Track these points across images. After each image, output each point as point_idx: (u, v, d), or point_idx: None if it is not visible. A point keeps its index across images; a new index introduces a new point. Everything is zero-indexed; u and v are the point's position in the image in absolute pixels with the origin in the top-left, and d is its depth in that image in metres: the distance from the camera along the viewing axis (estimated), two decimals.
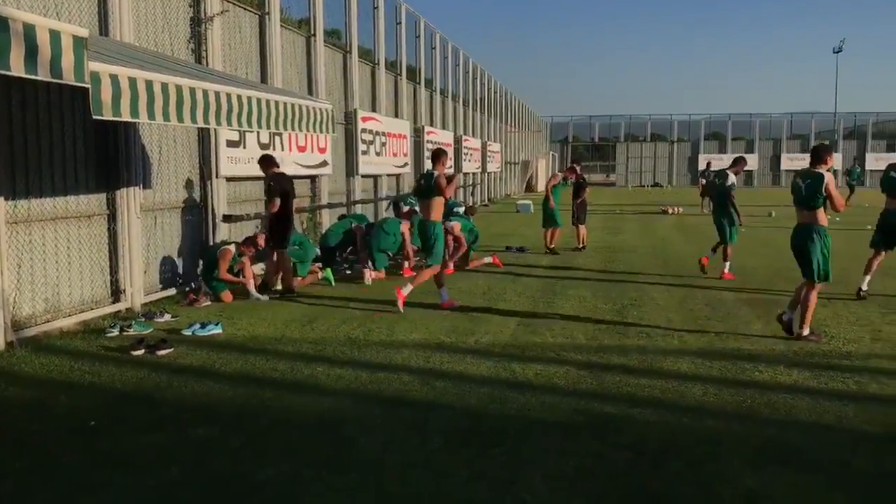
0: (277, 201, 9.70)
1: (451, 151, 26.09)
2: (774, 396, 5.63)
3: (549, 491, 4.01)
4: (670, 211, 27.91)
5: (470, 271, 12.13)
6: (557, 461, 4.40)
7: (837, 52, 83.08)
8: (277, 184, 9.82)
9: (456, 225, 12.48)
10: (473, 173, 32.08)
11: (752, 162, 67.14)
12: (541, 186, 50.04)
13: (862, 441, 4.74)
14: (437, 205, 9.02)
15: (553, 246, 14.97)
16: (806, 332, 7.44)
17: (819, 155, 7.82)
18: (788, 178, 59.05)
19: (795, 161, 60.19)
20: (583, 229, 15.73)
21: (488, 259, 12.77)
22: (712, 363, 6.56)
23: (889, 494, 3.96)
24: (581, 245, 15.55)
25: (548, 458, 4.44)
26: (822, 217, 7.60)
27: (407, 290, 8.94)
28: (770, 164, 67.56)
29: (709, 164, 32.30)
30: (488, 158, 34.67)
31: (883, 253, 10.07)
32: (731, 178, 11.82)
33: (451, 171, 9.49)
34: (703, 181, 29.51)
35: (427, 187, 9.07)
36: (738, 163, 12.36)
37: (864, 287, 9.81)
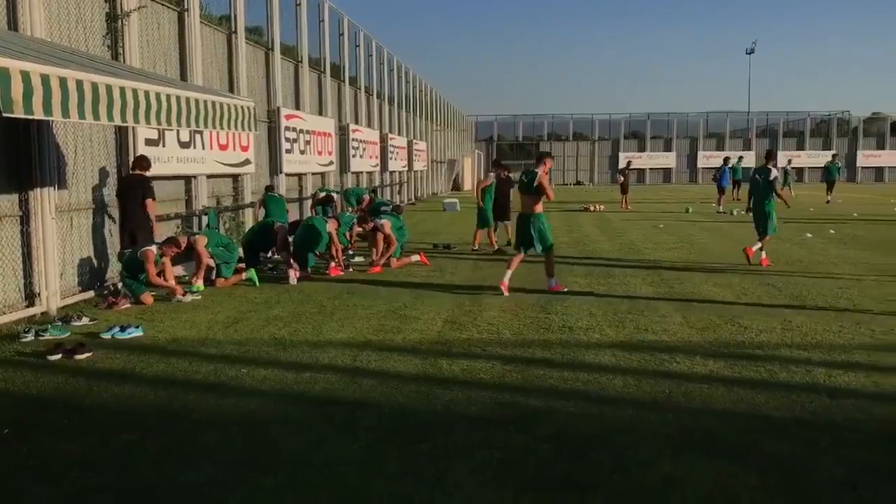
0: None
1: (376, 150, 26.07)
2: (691, 386, 5.84)
3: (475, 483, 4.08)
4: (592, 208, 28.46)
5: (397, 270, 12.15)
6: (483, 454, 4.47)
7: (750, 53, 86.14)
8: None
9: (386, 223, 12.51)
10: (400, 172, 32.08)
11: (671, 160, 69.13)
12: (467, 185, 50.48)
13: (772, 427, 4.96)
14: (536, 200, 10.02)
15: (478, 244, 15.09)
16: None
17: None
18: (705, 175, 60.99)
19: (711, 159, 62.14)
20: (509, 226, 15.94)
21: (415, 258, 12.81)
22: (632, 355, 6.76)
23: (797, 477, 4.16)
24: (508, 242, 15.72)
25: (474, 452, 4.51)
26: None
27: (556, 280, 10.13)
28: (687, 162, 69.58)
29: (629, 163, 33.25)
30: (414, 157, 34.72)
31: None
32: (774, 173, 12.69)
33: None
34: (622, 178, 30.34)
35: (529, 184, 10.05)
36: (771, 156, 13.32)
37: None
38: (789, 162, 37.59)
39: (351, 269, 12.16)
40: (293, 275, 10.94)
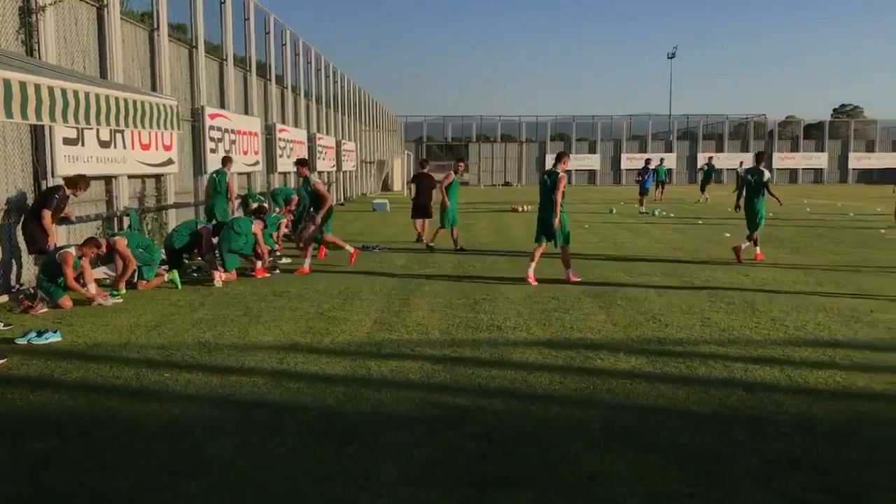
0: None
1: (304, 150, 25.79)
2: (615, 382, 5.98)
3: (403, 484, 4.09)
4: (520, 209, 28.77)
5: (326, 271, 12.05)
6: (412, 454, 4.49)
7: (671, 58, 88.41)
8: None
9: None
10: (328, 172, 31.82)
11: (595, 161, 70.42)
12: (397, 185, 50.38)
13: (691, 420, 5.12)
14: (557, 198, 10.77)
15: (459, 243, 15.24)
16: None
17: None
18: (629, 176, 62.26)
19: (634, 160, 63.50)
20: (429, 223, 16.93)
21: (350, 248, 12.70)
22: (558, 353, 6.88)
23: (715, 469, 4.31)
24: (424, 237, 16.43)
25: (402, 452, 4.52)
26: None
27: (571, 271, 11.01)
28: (611, 164, 70.99)
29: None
30: (343, 157, 34.48)
31: None
32: (767, 174, 13.59)
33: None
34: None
35: (552, 183, 10.83)
36: (761, 157, 14.32)
37: None
38: (710, 160, 38.97)
39: (278, 271, 12.02)
40: (218, 277, 10.75)
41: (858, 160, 71.29)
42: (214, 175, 14.52)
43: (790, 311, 8.69)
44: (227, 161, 14.81)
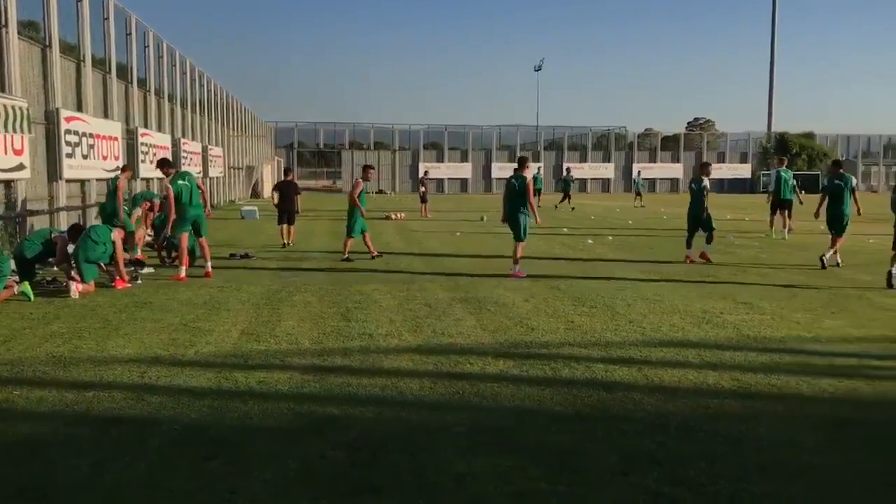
0: None
1: (168, 155, 24.89)
2: (483, 385, 6.10)
3: (270, 496, 4.03)
4: (394, 217, 28.86)
5: (191, 281, 11.67)
6: (279, 465, 4.42)
7: (538, 70, 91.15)
8: None
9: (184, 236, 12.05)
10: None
11: (467, 170, 71.58)
12: (267, 192, 49.39)
13: (555, 420, 5.30)
14: (523, 200, 12.45)
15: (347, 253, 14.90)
16: None
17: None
18: (499, 185, 63.62)
19: (504, 170, 64.98)
20: (293, 229, 17.70)
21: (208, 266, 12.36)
22: (429, 359, 6.95)
23: (576, 466, 4.47)
24: (289, 242, 17.29)
25: (269, 464, 4.44)
26: None
27: (518, 266, 12.39)
28: (482, 173, 72.36)
29: (426, 172, 34.28)
30: (210, 163, 33.51)
31: None
32: (706, 182, 14.96)
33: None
34: (423, 189, 31.18)
35: (521, 188, 12.37)
36: (705, 167, 15.79)
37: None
38: (568, 171, 40.74)
39: (140, 281, 11.54)
40: (75, 287, 10.20)
41: (712, 170, 75.55)
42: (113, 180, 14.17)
43: (647, 314, 9.13)
44: (125, 168, 14.42)
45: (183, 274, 11.81)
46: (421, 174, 35.19)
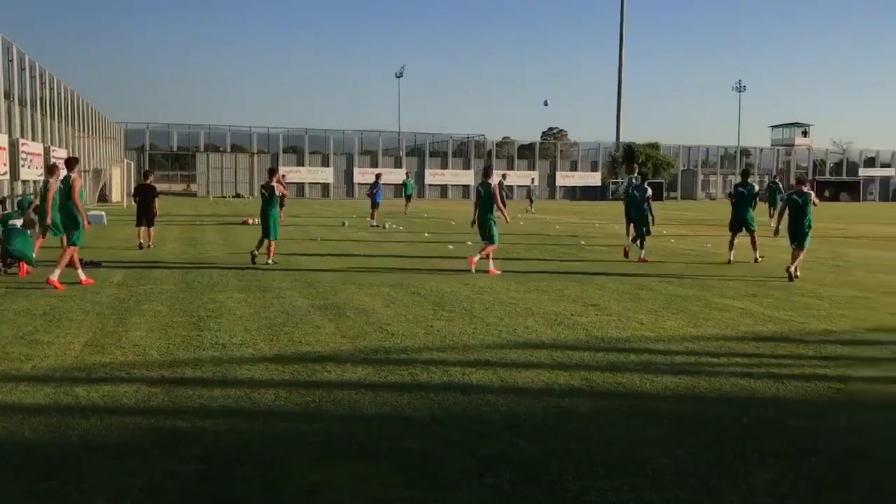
0: None
1: (4, 156, 23.24)
2: (341, 394, 6.05)
3: None
4: (251, 222, 28.16)
5: (31, 288, 10.92)
6: (123, 484, 4.20)
7: (399, 77, 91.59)
8: None
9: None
10: (35, 181, 28.89)
11: (328, 175, 70.94)
12: (116, 196, 46.98)
13: (412, 425, 5.33)
14: (491, 206, 13.78)
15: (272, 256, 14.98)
16: None
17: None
18: (361, 190, 63.46)
19: (366, 175, 64.86)
20: (153, 231, 17.95)
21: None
22: (285, 368, 6.82)
23: (432, 470, 4.51)
24: (149, 244, 17.49)
25: (112, 483, 4.22)
26: None
27: (477, 258, 13.82)
28: (344, 178, 71.92)
29: (283, 176, 33.84)
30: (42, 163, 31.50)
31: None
32: (649, 191, 16.73)
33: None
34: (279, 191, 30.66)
35: (486, 193, 13.77)
36: (646, 176, 18.61)
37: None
38: (504, 177, 41.60)
39: None
40: None
41: (564, 178, 78.62)
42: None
43: (503, 317, 9.35)
44: (53, 169, 13.42)
45: (53, 279, 11.21)
46: (283, 177, 34.64)
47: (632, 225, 17.16)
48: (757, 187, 16.81)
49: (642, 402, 6.03)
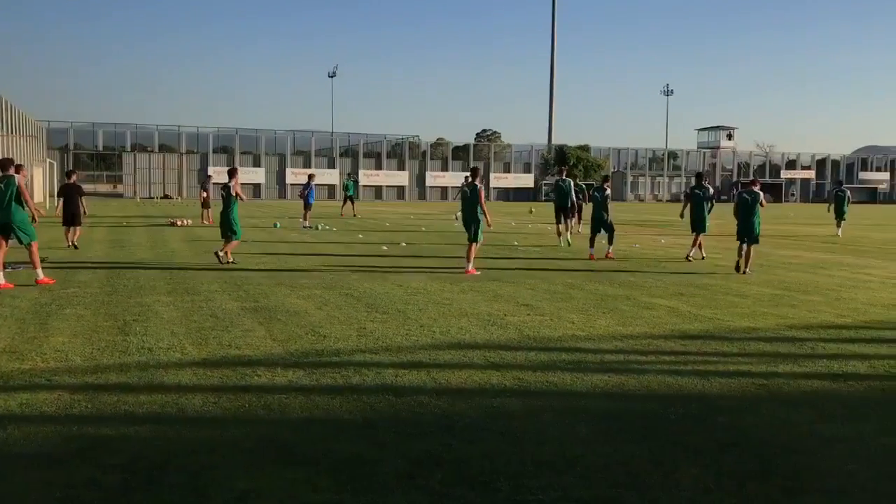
0: None
1: None
2: (271, 398, 5.95)
3: None
4: (179, 223, 27.60)
5: None
6: (41, 495, 4.05)
7: (332, 77, 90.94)
8: None
9: None
10: None
11: (260, 175, 69.95)
12: (38, 197, 45.33)
13: (344, 429, 5.28)
14: (475, 206, 14.02)
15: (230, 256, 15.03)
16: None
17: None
18: (294, 190, 62.78)
19: (299, 175, 64.23)
20: (79, 231, 18.07)
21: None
22: (213, 372, 6.68)
23: (363, 473, 4.47)
24: (74, 244, 17.57)
25: (29, 494, 4.07)
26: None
27: (472, 264, 13.97)
28: (276, 178, 71.04)
29: (210, 177, 33.23)
30: None
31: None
32: (608, 191, 17.81)
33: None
34: (205, 193, 30.01)
35: (472, 195, 14.04)
36: (607, 179, 18.87)
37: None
38: (349, 176, 41.75)
39: None
40: None
41: (498, 180, 79.27)
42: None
43: (437, 318, 9.35)
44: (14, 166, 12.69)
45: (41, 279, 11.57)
46: (204, 179, 34.03)
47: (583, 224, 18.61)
48: (712, 190, 17.64)
49: (573, 401, 6.11)
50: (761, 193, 14.79)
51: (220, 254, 14.85)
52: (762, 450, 5.06)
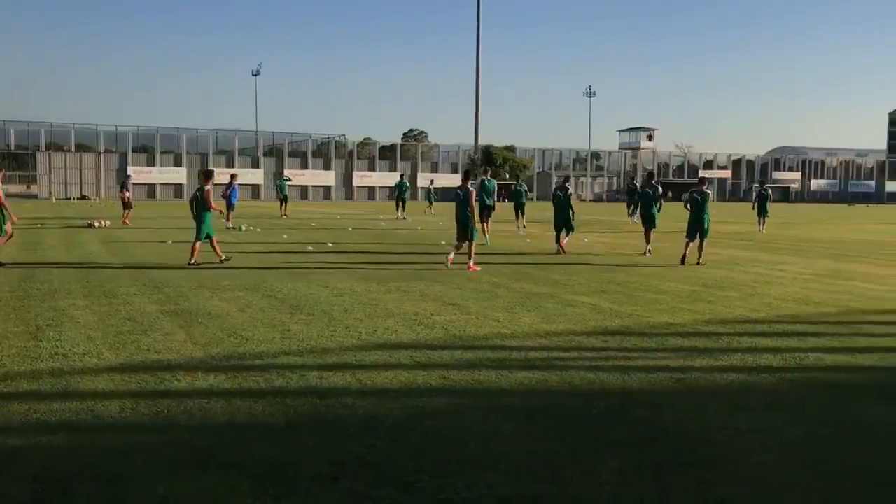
0: None
1: None
2: (191, 402, 5.83)
3: None
4: (97, 224, 26.76)
5: None
6: None
7: (256, 76, 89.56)
8: None
9: None
10: None
11: (182, 175, 68.40)
12: None
13: (267, 432, 5.20)
14: (473, 206, 15.11)
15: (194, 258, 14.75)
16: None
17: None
18: (215, 191, 61.59)
19: (222, 175, 63.01)
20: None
21: None
22: (131, 377, 6.50)
23: (286, 477, 4.41)
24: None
25: None
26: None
27: (473, 260, 14.72)
28: (198, 178, 69.63)
29: (129, 177, 32.41)
30: None
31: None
32: (570, 189, 19.06)
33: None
34: (126, 193, 29.24)
35: (465, 196, 14.99)
36: (567, 179, 20.05)
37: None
38: (431, 182, 42.59)
39: None
40: None
41: (425, 179, 79.43)
42: None
43: (363, 319, 9.31)
44: None
45: None
46: (124, 179, 33.15)
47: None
48: (661, 189, 18.95)
49: (498, 398, 6.16)
50: (710, 193, 16.40)
51: (192, 261, 14.76)
52: (679, 442, 5.20)
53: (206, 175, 15.81)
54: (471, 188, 15.36)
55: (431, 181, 50.85)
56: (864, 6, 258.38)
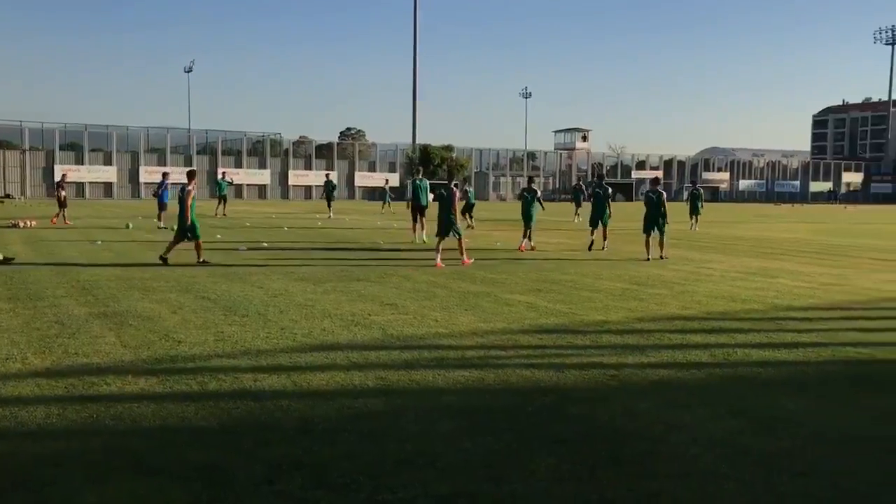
0: None
1: None
2: (121, 407, 5.69)
3: None
4: (22, 224, 25.87)
5: None
6: None
7: (188, 72, 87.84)
8: None
9: None
10: None
11: (112, 174, 66.64)
12: None
13: (199, 436, 5.11)
14: (452, 206, 15.78)
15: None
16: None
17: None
18: (147, 190, 60.11)
19: (153, 174, 61.59)
20: None
21: None
22: (59, 382, 6.31)
23: (219, 481, 4.35)
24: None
25: None
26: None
27: (466, 255, 15.73)
28: (129, 177, 67.90)
29: (64, 176, 31.42)
30: None
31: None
32: (539, 193, 20.30)
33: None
34: (62, 192, 28.39)
35: (448, 196, 15.79)
36: (532, 180, 21.12)
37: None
38: (386, 182, 42.63)
39: None
40: None
41: (363, 179, 79.09)
42: None
43: (299, 320, 9.22)
44: None
45: None
46: (58, 178, 32.14)
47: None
48: (610, 189, 20.05)
49: (435, 398, 6.17)
50: (664, 193, 17.64)
51: (200, 259, 15.03)
52: (613, 438, 5.30)
53: (189, 175, 15.69)
54: (454, 188, 16.24)
55: (386, 181, 51.36)
56: (789, 13, 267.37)
